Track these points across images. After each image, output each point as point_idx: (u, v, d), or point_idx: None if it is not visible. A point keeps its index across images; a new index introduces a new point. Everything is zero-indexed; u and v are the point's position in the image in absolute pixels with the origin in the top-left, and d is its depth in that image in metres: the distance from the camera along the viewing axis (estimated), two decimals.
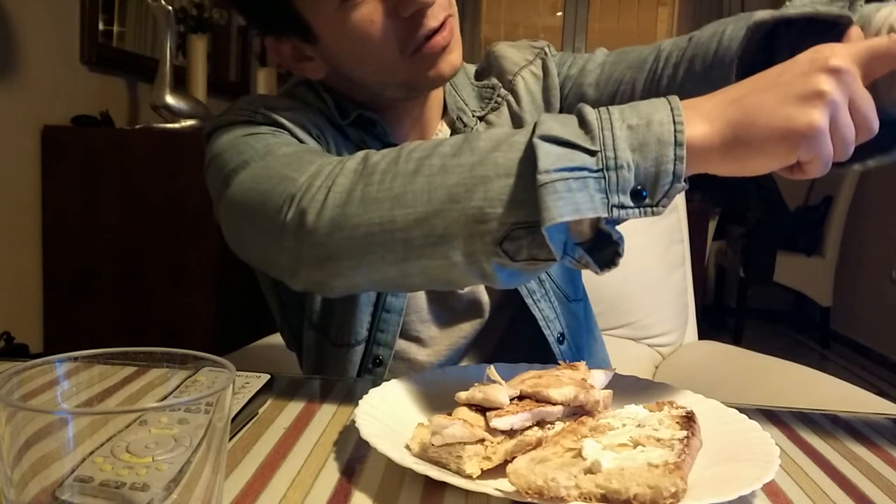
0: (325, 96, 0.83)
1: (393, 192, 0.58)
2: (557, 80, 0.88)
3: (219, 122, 0.76)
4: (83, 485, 0.32)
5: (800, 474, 0.52)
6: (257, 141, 0.71)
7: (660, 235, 1.34)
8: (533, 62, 0.89)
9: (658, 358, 1.32)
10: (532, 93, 0.88)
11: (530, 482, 0.42)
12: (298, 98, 0.84)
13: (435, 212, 0.56)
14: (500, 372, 0.54)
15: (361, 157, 0.63)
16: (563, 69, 0.89)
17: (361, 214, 0.59)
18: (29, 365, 0.35)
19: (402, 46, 0.72)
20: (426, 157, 0.58)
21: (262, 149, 0.70)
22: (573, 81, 0.87)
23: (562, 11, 4.89)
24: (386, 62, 0.73)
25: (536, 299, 0.88)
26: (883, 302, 3.88)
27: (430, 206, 0.56)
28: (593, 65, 0.85)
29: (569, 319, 0.91)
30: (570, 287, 0.94)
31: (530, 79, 0.89)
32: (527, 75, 0.89)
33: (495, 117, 0.87)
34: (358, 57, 0.74)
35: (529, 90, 0.88)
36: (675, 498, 0.41)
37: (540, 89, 0.89)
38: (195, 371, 0.42)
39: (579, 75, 0.86)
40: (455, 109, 0.87)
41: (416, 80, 0.76)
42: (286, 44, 0.77)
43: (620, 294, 1.31)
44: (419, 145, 0.60)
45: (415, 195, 0.57)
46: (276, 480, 0.48)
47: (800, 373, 1.06)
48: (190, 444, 0.33)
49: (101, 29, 2.32)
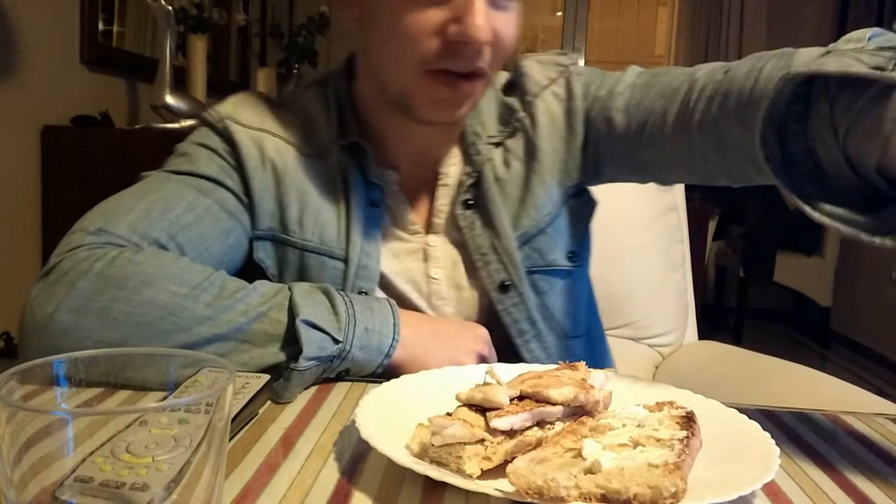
0: (332, 108, 0.82)
1: (135, 318, 0.62)
2: (582, 102, 0.84)
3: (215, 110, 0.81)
4: (83, 485, 0.32)
5: (800, 474, 0.52)
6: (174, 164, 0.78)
7: (660, 235, 1.34)
8: (556, 81, 0.85)
9: (658, 358, 1.32)
10: (553, 115, 0.84)
11: (530, 482, 0.42)
12: (297, 105, 0.83)
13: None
14: (500, 372, 0.54)
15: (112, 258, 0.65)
16: (591, 89, 0.84)
17: (94, 329, 0.62)
18: (29, 365, 0.35)
19: (425, 60, 0.70)
20: (183, 296, 0.64)
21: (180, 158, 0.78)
22: (601, 104, 0.82)
23: (562, 11, 4.89)
24: (401, 61, 0.72)
25: (526, 340, 0.83)
26: (883, 302, 3.88)
27: (166, 346, 0.61)
28: (623, 86, 0.81)
29: (565, 357, 0.86)
30: (569, 322, 0.87)
31: (552, 101, 0.85)
32: (548, 97, 0.85)
33: (512, 143, 0.84)
34: (386, 37, 0.72)
35: (550, 112, 0.84)
36: (675, 498, 0.41)
37: (562, 111, 0.84)
38: (195, 371, 0.42)
39: (607, 98, 0.82)
40: (471, 134, 0.83)
41: (413, 99, 0.74)
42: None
43: (620, 294, 1.31)
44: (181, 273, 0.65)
45: (155, 331, 0.62)
46: (276, 480, 0.48)
47: (800, 373, 1.06)
48: (190, 445, 0.33)
49: (101, 29, 2.32)
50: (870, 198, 0.53)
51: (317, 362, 0.64)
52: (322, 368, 0.66)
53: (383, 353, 0.68)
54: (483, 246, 0.81)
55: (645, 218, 1.32)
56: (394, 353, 0.69)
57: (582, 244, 0.87)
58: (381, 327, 0.69)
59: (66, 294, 0.63)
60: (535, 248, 0.82)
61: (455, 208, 0.82)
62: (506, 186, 0.82)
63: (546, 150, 0.82)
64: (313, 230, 0.78)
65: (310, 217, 0.78)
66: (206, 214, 0.75)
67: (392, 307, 0.71)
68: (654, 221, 1.33)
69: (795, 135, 0.56)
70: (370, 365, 0.68)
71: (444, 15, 0.69)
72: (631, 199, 1.32)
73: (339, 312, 0.67)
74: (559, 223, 0.83)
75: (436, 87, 0.72)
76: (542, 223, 0.82)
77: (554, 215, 0.83)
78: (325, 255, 0.78)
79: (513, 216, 0.81)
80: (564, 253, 0.84)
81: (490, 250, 0.81)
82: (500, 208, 0.81)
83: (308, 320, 0.64)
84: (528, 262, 0.82)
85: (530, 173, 0.82)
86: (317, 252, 0.78)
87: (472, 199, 0.82)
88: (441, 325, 0.76)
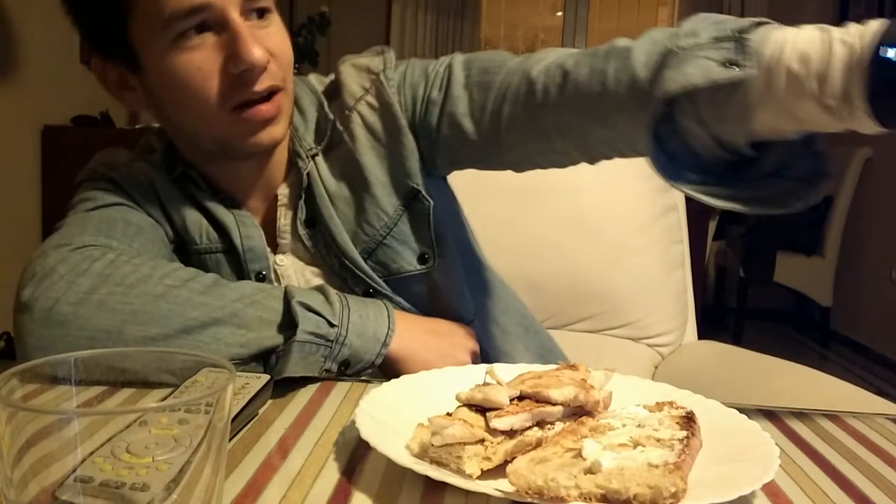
0: (157, 146, 0.83)
1: (133, 307, 0.65)
2: (403, 107, 0.80)
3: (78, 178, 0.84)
4: (83, 485, 0.32)
5: (800, 474, 0.52)
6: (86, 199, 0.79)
7: (659, 235, 1.33)
8: (369, 91, 0.81)
9: (658, 358, 1.32)
10: (370, 127, 0.81)
11: (530, 482, 0.42)
12: (149, 143, 0.86)
13: (165, 336, 0.64)
14: (500, 372, 0.54)
15: (110, 260, 0.68)
16: (417, 91, 0.80)
17: (92, 318, 0.64)
18: (29, 365, 0.35)
19: (222, 101, 0.71)
20: (177, 287, 0.67)
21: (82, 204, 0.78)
22: (439, 108, 0.79)
23: (562, 11, 4.88)
24: (203, 112, 0.72)
25: None
26: (883, 302, 3.88)
27: (163, 330, 0.64)
28: (458, 88, 0.78)
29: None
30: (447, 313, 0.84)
31: (368, 112, 0.81)
32: (364, 109, 0.81)
33: (336, 155, 0.81)
34: (178, 99, 0.73)
35: (367, 125, 0.81)
36: (675, 498, 0.41)
37: (380, 122, 0.81)
38: (195, 371, 0.42)
39: (446, 102, 0.78)
40: (294, 150, 0.82)
41: (231, 140, 0.75)
42: (112, 68, 0.77)
43: (620, 294, 1.31)
44: (174, 271, 0.69)
45: (152, 317, 0.65)
46: (276, 480, 0.48)
47: (800, 373, 1.06)
48: (190, 445, 0.33)
49: None
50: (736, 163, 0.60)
51: (314, 339, 0.67)
52: (322, 355, 0.67)
53: (380, 342, 0.70)
54: (334, 264, 0.80)
55: (645, 218, 1.32)
56: (391, 343, 0.71)
57: (439, 240, 0.82)
58: (375, 317, 0.72)
59: (66, 290, 0.65)
60: (379, 262, 0.81)
61: (297, 228, 0.81)
62: (337, 202, 0.81)
63: (368, 165, 0.80)
64: (200, 236, 0.80)
65: (192, 224, 0.80)
66: (142, 226, 0.77)
67: (385, 303, 0.74)
68: (654, 221, 1.33)
69: (669, 133, 0.60)
70: (369, 353, 0.70)
71: (220, 58, 0.70)
72: (631, 199, 1.32)
73: (332, 301, 0.70)
74: (400, 231, 0.81)
75: (245, 121, 0.73)
76: (378, 236, 0.80)
77: (391, 226, 0.81)
78: (217, 252, 0.80)
79: (350, 231, 0.80)
80: (414, 258, 0.81)
81: (340, 267, 0.80)
82: (337, 224, 0.80)
83: (303, 302, 0.68)
84: (377, 273, 0.81)
85: (357, 187, 0.81)
86: (209, 252, 0.80)
87: (311, 216, 0.81)
88: (433, 323, 0.79)
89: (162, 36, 0.69)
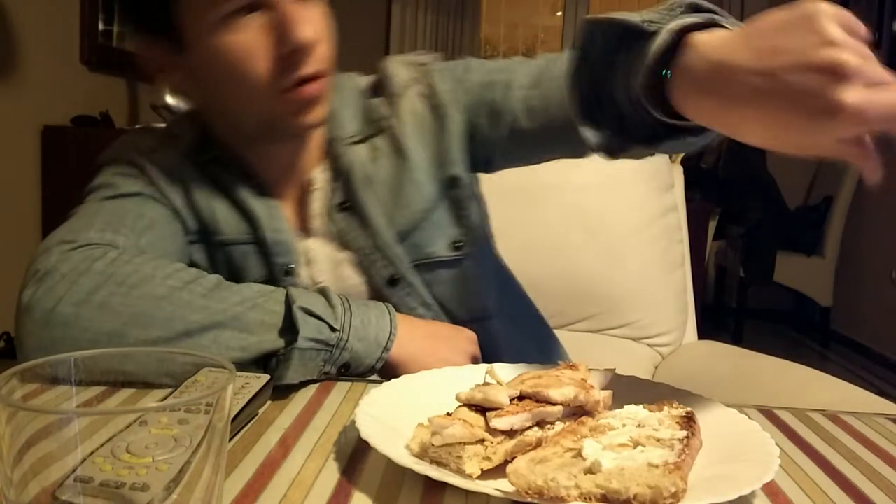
0: (189, 129, 0.83)
1: (135, 309, 0.65)
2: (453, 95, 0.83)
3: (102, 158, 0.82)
4: (83, 485, 0.32)
5: (800, 474, 0.52)
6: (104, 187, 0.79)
7: (659, 235, 1.33)
8: (419, 80, 0.84)
9: (658, 358, 1.32)
10: (418, 113, 0.83)
11: (530, 482, 0.42)
12: (172, 130, 0.85)
13: (166, 339, 0.64)
14: (500, 372, 0.54)
15: (112, 259, 0.67)
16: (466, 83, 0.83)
17: (94, 320, 0.64)
18: (29, 365, 0.35)
19: (271, 81, 0.72)
20: (179, 289, 0.66)
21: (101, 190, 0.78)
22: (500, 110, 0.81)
23: (562, 11, 4.88)
24: (251, 92, 0.73)
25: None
26: (883, 302, 3.88)
27: (164, 333, 0.64)
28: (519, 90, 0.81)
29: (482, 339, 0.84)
30: (466, 307, 0.86)
31: (416, 99, 0.84)
32: (412, 95, 0.84)
33: (380, 141, 0.83)
34: (225, 79, 0.73)
35: (415, 111, 0.83)
36: (675, 498, 0.41)
37: (428, 109, 0.83)
38: (195, 371, 0.42)
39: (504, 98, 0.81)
40: (330, 138, 0.83)
41: (277, 120, 0.75)
42: (156, 48, 0.76)
43: (620, 294, 1.31)
44: (176, 272, 0.68)
45: (154, 319, 0.65)
46: (276, 480, 0.48)
47: (800, 373, 1.06)
48: (190, 445, 0.33)
49: (100, 29, 2.32)
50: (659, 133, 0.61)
51: (315, 345, 0.66)
52: (323, 359, 0.67)
53: (381, 346, 0.70)
54: (365, 246, 0.81)
55: (645, 218, 1.32)
56: (392, 347, 0.70)
57: (470, 231, 0.85)
58: (377, 321, 0.71)
59: (68, 290, 0.65)
60: (413, 244, 0.82)
61: (330, 211, 0.82)
62: (376, 185, 0.82)
63: (414, 148, 0.82)
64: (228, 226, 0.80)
65: (220, 213, 0.80)
66: (155, 220, 0.77)
67: (387, 306, 0.74)
68: (654, 221, 1.33)
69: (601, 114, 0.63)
70: (369, 358, 0.70)
71: (269, 39, 0.70)
72: (631, 199, 1.32)
73: (334, 305, 0.69)
74: (437, 216, 0.83)
75: (293, 101, 0.73)
76: (416, 219, 0.82)
77: (429, 210, 0.83)
78: (244, 244, 0.80)
79: (387, 214, 0.82)
80: (446, 244, 0.84)
81: (372, 249, 0.81)
82: (374, 207, 0.81)
83: (305, 307, 0.67)
84: (409, 256, 0.82)
85: (399, 171, 0.82)
86: (235, 243, 0.80)
87: (346, 200, 0.82)
88: (434, 327, 0.79)
89: (212, 14, 0.69)
